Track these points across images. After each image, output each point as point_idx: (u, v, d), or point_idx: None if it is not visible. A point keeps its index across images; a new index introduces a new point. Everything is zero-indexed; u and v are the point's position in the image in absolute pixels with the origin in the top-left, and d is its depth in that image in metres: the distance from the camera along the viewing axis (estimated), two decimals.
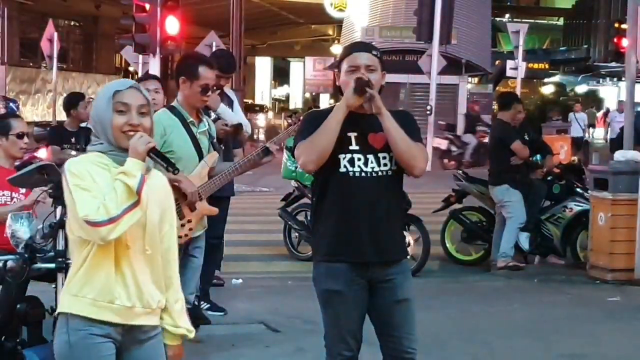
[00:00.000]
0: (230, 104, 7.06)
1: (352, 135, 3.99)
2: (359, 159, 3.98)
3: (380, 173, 4.00)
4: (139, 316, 3.30)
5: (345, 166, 3.98)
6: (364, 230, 3.98)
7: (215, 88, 7.01)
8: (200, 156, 5.32)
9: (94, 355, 3.23)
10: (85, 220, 3.12)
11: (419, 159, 4.00)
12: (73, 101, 8.64)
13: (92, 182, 3.20)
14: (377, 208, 4.00)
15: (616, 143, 19.28)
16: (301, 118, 4.20)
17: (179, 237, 5.16)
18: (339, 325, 4.06)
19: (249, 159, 5.47)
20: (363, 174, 3.98)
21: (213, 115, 6.78)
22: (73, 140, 8.38)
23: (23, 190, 5.50)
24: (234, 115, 6.91)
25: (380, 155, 4.00)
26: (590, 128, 45.05)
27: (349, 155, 3.98)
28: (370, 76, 3.97)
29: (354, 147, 3.98)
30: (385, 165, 4.01)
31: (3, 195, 5.47)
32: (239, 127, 6.74)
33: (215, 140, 5.66)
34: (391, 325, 4.08)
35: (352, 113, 4.02)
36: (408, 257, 4.33)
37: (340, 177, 3.98)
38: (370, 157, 3.99)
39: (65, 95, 9.53)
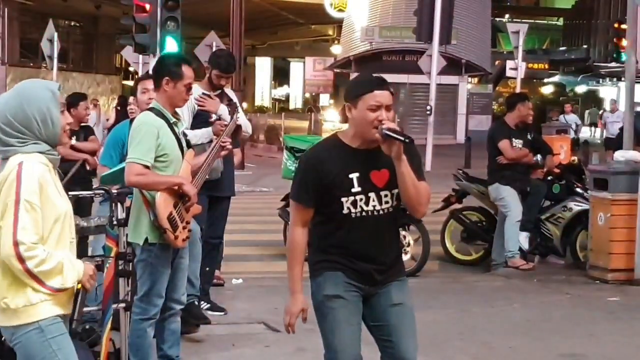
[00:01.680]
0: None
1: (354, 176, 3.96)
2: (361, 199, 3.97)
3: (382, 211, 4.00)
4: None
5: (348, 208, 3.97)
6: (365, 264, 4.01)
7: (215, 88, 7.02)
8: (183, 156, 5.33)
9: (66, 334, 3.55)
10: (16, 244, 3.30)
11: (424, 204, 4.00)
12: (74, 101, 8.67)
13: (39, 202, 3.37)
14: (379, 242, 4.01)
15: (611, 143, 19.28)
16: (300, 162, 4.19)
17: (183, 240, 5.17)
18: (340, 332, 4.02)
19: (212, 150, 5.70)
20: (364, 214, 3.97)
21: (214, 117, 6.77)
22: (74, 139, 8.40)
23: None
24: None
25: (382, 193, 3.99)
26: (592, 127, 45.15)
27: (351, 198, 3.96)
28: (389, 115, 3.93)
29: (356, 189, 3.96)
30: (387, 202, 4.00)
31: None
32: (237, 127, 6.75)
33: (188, 138, 5.70)
34: (388, 330, 4.06)
35: (352, 149, 3.99)
36: (405, 274, 4.30)
37: (342, 217, 3.98)
38: (372, 195, 3.98)
39: (66, 95, 9.52)
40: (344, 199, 3.96)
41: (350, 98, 4.00)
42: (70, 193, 4.77)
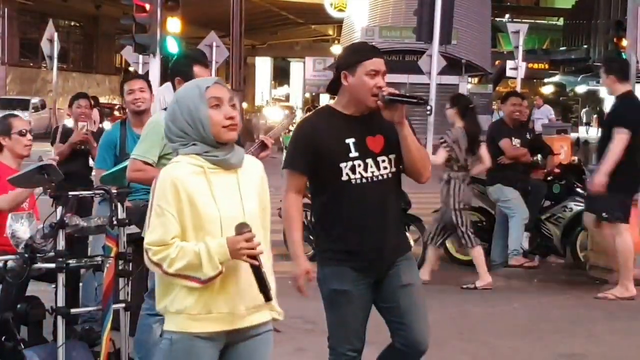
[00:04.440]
0: None
1: (350, 141, 3.97)
2: (359, 165, 3.96)
3: (380, 177, 3.98)
4: (242, 318, 3.24)
5: (347, 174, 3.95)
6: (370, 236, 3.97)
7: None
8: None
9: (193, 356, 3.21)
10: (146, 250, 3.17)
11: (428, 168, 4.05)
12: (71, 100, 8.70)
13: (170, 205, 3.16)
14: (381, 212, 3.98)
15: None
16: (293, 128, 4.19)
17: None
18: (344, 325, 4.05)
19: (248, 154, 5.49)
20: (364, 180, 3.96)
21: None
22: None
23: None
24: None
25: (380, 159, 3.99)
26: (587, 127, 45.46)
27: (350, 163, 3.95)
28: (385, 82, 3.97)
29: (353, 154, 3.96)
30: (385, 168, 3.99)
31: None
32: None
33: None
34: (399, 312, 4.06)
35: (346, 116, 4.01)
36: (411, 249, 4.31)
37: (342, 185, 3.96)
38: (370, 161, 3.97)
39: (69, 95, 9.55)
40: (342, 165, 3.95)
41: (347, 65, 4.01)
42: (70, 193, 4.80)
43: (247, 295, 3.23)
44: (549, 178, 9.85)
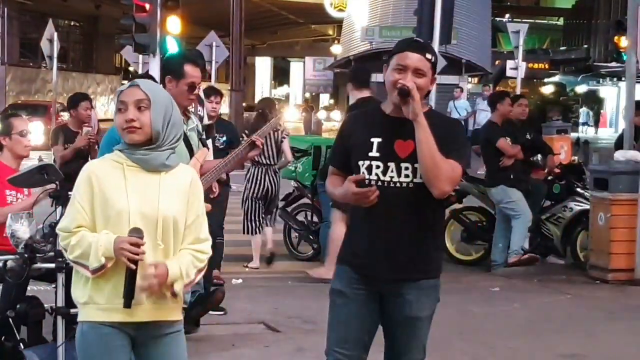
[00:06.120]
0: None
1: (376, 140, 3.77)
2: (378, 167, 3.74)
3: (399, 184, 3.73)
4: (146, 311, 3.35)
5: (363, 173, 3.75)
6: (378, 244, 3.77)
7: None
8: (192, 153, 5.31)
9: (104, 343, 3.35)
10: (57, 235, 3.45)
11: (441, 180, 3.67)
12: (75, 101, 8.65)
13: (81, 196, 3.37)
14: (393, 222, 3.74)
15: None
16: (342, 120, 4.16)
17: None
18: (336, 326, 3.92)
19: (237, 154, 5.48)
20: (379, 183, 3.72)
21: None
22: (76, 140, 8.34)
23: (26, 191, 5.50)
24: None
25: (403, 165, 3.73)
26: (585, 126, 45.57)
27: (367, 162, 3.76)
28: (418, 80, 3.71)
29: (373, 153, 3.75)
30: (406, 176, 3.73)
31: (10, 194, 5.48)
32: None
33: (203, 137, 5.65)
34: (394, 342, 3.93)
35: (384, 115, 3.83)
36: (437, 276, 4.01)
37: (358, 185, 3.71)
38: (391, 165, 3.74)
39: (68, 95, 9.54)
40: (360, 162, 3.77)
41: (387, 59, 3.88)
42: (70, 193, 4.79)
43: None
44: (549, 178, 9.85)
